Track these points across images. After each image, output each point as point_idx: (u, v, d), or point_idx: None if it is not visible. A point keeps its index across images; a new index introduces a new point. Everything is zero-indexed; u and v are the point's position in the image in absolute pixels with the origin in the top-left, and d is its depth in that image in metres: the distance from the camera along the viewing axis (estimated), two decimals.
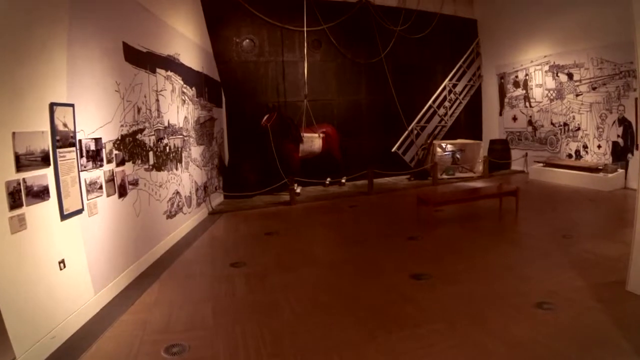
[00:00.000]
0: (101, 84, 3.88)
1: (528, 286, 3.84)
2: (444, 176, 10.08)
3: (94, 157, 3.68)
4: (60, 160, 3.20)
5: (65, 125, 3.27)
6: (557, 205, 7.07)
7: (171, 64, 5.76)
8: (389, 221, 6.54)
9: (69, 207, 3.27)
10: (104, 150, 3.85)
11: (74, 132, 3.39)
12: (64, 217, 3.22)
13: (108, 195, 3.92)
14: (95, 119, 3.75)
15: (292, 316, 3.43)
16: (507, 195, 6.58)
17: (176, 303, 3.72)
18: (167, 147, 5.51)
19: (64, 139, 3.25)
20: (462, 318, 3.29)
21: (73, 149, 3.37)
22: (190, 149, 6.44)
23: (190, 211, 6.36)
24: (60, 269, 3.18)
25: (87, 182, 3.58)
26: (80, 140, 3.48)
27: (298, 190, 8.57)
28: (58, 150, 3.17)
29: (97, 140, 3.75)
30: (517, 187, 6.60)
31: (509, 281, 3.99)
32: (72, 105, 3.37)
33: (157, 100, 5.22)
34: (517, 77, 11.04)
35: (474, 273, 4.23)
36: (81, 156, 3.49)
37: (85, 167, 3.55)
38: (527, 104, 10.81)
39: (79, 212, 3.43)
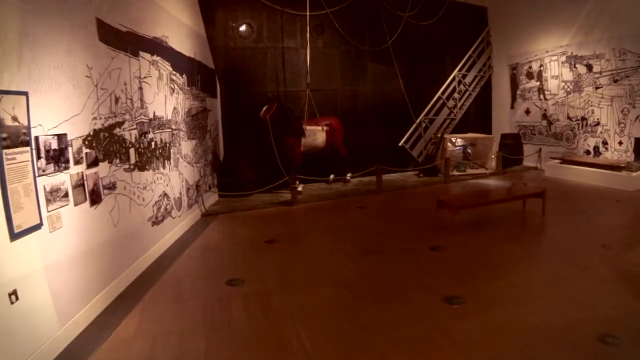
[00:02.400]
0: (67, 68, 3.16)
1: (582, 312, 3.22)
2: (455, 172, 9.43)
3: (57, 157, 2.97)
4: (8, 164, 2.49)
5: (15, 119, 2.56)
6: (582, 206, 6.45)
7: (158, 47, 5.03)
8: (404, 226, 5.84)
9: (21, 223, 2.57)
10: (70, 149, 3.13)
11: (28, 127, 2.68)
12: (14, 236, 2.52)
13: (76, 204, 3.21)
14: (58, 111, 3.03)
15: (303, 357, 2.77)
16: (533, 197, 5.97)
17: (160, 336, 3.05)
18: (153, 143, 4.79)
19: (13, 137, 2.54)
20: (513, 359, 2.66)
21: (27, 148, 2.66)
22: (180, 144, 5.73)
23: (180, 214, 5.66)
24: (12, 302, 2.50)
25: (48, 189, 2.87)
26: (36, 138, 2.77)
27: (300, 189, 7.90)
28: (4, 151, 2.46)
29: (61, 137, 3.03)
30: (544, 189, 5.97)
31: (556, 306, 3.36)
32: (25, 94, 2.65)
33: (140, 88, 4.50)
34: (530, 68, 10.40)
35: (513, 294, 3.60)
36: (38, 157, 2.78)
37: (44, 170, 2.84)
38: (542, 96, 10.18)
39: (37, 227, 2.73)
